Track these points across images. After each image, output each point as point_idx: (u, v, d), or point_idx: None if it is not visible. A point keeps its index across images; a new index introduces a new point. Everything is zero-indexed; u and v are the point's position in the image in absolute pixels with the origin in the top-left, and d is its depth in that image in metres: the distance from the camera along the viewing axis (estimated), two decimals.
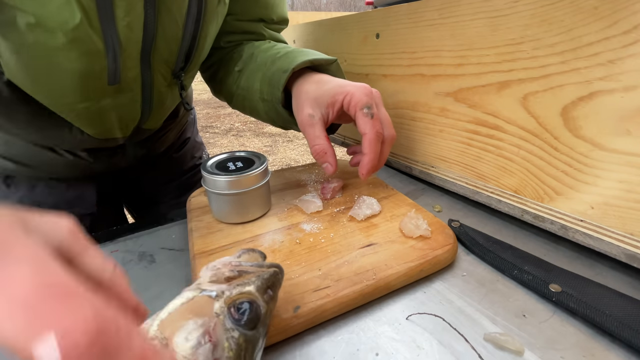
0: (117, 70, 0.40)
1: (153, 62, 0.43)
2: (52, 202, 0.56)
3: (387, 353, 0.26)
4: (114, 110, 0.46)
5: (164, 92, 0.50)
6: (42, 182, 0.56)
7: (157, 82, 0.46)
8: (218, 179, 0.38)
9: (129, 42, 0.39)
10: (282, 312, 0.28)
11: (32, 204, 0.55)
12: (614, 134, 0.30)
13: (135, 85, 0.45)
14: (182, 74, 0.49)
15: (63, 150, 0.52)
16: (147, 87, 0.46)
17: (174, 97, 0.53)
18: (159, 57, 0.44)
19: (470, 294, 0.32)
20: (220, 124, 4.01)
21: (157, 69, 0.45)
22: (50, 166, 0.53)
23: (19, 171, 0.53)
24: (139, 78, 0.44)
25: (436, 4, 0.42)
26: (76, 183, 0.58)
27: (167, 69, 0.46)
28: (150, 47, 0.41)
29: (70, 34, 0.34)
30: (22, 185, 0.55)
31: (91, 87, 0.41)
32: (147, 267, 0.37)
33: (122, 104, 0.46)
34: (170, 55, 0.45)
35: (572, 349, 0.26)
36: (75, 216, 0.62)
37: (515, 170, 0.39)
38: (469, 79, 0.42)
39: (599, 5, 0.29)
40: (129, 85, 0.44)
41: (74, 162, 0.54)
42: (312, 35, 0.69)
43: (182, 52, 0.45)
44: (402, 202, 0.44)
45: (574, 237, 0.35)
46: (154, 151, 0.67)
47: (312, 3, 17.07)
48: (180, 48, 0.45)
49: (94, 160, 0.55)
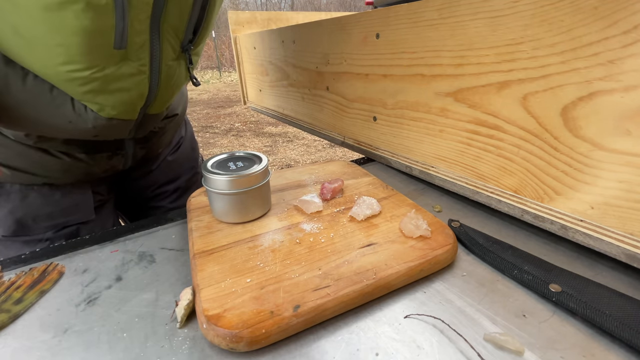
0: (124, 30, 0.38)
1: (162, 29, 0.42)
2: (47, 212, 0.54)
3: (387, 353, 0.26)
4: (121, 82, 0.44)
5: (172, 66, 0.48)
6: (35, 192, 0.53)
7: (165, 52, 0.45)
8: (219, 178, 0.38)
9: (138, 1, 0.37)
10: (282, 311, 0.28)
11: (25, 215, 0.52)
12: (614, 134, 0.30)
13: (143, 54, 0.43)
14: (190, 47, 0.48)
15: (59, 151, 0.50)
16: (155, 57, 0.44)
17: (180, 74, 0.51)
18: (168, 24, 0.42)
19: (470, 294, 0.32)
20: (220, 124, 4.01)
21: (166, 37, 0.44)
22: (46, 170, 0.51)
23: (12, 176, 0.50)
24: (147, 45, 0.42)
25: (436, 4, 0.42)
26: (72, 190, 0.56)
27: (177, 39, 0.45)
28: (161, 11, 0.40)
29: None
30: (13, 195, 0.51)
31: (96, 49, 0.39)
32: (147, 267, 0.37)
33: (129, 75, 0.43)
34: (181, 23, 0.44)
35: (572, 349, 0.26)
36: (72, 225, 0.60)
37: (515, 170, 0.39)
38: (469, 79, 0.42)
39: (599, 5, 0.29)
40: (136, 52, 0.42)
41: (71, 165, 0.52)
42: (312, 35, 0.69)
43: (192, 22, 0.45)
44: (402, 202, 0.44)
45: (574, 237, 0.35)
46: (152, 152, 0.66)
47: (312, 3, 17.08)
48: (190, 17, 0.44)
49: (93, 163, 0.54)
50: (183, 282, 0.35)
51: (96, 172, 0.57)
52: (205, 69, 11.02)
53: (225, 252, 0.35)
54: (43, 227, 0.54)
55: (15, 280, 0.35)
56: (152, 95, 0.48)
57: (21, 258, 0.39)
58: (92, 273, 0.36)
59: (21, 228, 0.53)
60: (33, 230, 0.53)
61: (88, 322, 0.30)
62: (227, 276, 0.32)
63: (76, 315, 0.31)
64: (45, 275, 0.35)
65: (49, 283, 0.35)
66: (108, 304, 0.32)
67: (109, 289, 0.34)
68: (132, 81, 0.44)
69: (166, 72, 0.47)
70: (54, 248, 0.40)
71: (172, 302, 0.32)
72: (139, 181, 0.69)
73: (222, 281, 0.31)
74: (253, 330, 0.26)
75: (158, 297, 0.33)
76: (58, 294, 0.34)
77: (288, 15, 1.15)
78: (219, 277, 0.32)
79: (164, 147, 0.69)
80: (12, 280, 0.35)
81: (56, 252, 0.40)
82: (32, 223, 0.53)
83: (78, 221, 0.57)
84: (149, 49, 0.43)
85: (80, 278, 0.36)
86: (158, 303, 0.32)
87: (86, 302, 0.32)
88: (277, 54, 0.86)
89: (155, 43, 0.43)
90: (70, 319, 0.31)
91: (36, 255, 0.39)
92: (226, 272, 0.32)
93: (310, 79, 0.75)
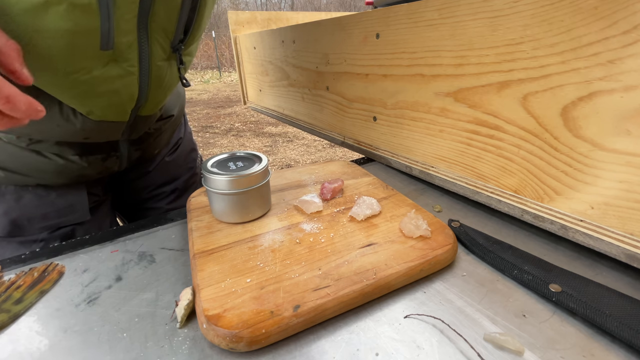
0: (110, 31, 0.37)
1: (150, 30, 0.42)
2: (42, 213, 0.53)
3: (387, 353, 0.26)
4: (109, 84, 0.43)
5: (163, 67, 0.47)
6: (30, 193, 0.52)
7: (155, 53, 0.44)
8: (219, 178, 0.38)
9: (124, 1, 0.37)
10: (282, 311, 0.28)
11: (20, 216, 0.52)
12: (614, 134, 0.30)
13: (132, 55, 0.42)
14: (181, 47, 0.47)
15: (52, 153, 0.50)
16: (144, 58, 0.44)
17: (172, 75, 0.51)
18: (157, 24, 0.42)
19: (470, 294, 0.32)
20: (220, 124, 4.01)
21: (154, 38, 0.43)
22: (39, 171, 0.51)
23: (6, 178, 0.50)
24: (135, 46, 0.42)
25: (436, 4, 0.42)
26: (67, 191, 0.55)
27: (166, 39, 0.44)
28: (148, 11, 0.39)
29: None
30: (7, 196, 0.51)
31: (81, 51, 0.38)
32: (147, 267, 0.37)
33: (117, 76, 0.43)
34: (169, 23, 0.43)
35: (572, 349, 0.26)
36: (68, 226, 0.60)
37: (515, 170, 0.39)
38: (469, 79, 0.42)
39: (599, 5, 0.29)
40: (123, 53, 0.41)
41: (64, 167, 0.51)
42: (312, 35, 0.69)
43: (182, 22, 0.44)
44: (402, 202, 0.44)
45: (574, 237, 0.35)
46: (148, 154, 0.65)
47: (312, 3, 17.08)
48: (180, 17, 0.43)
49: (87, 165, 0.53)
50: (183, 282, 0.35)
51: (90, 174, 0.56)
52: (205, 69, 11.02)
53: (225, 252, 0.35)
54: (38, 228, 0.54)
55: (15, 280, 0.35)
56: (142, 96, 0.48)
57: (21, 258, 0.39)
58: (92, 273, 0.36)
59: (16, 229, 0.52)
60: (28, 231, 0.53)
61: (88, 322, 0.30)
62: (227, 276, 0.32)
63: (76, 315, 0.31)
64: (45, 275, 0.35)
65: (49, 283, 0.35)
66: (108, 304, 0.32)
67: (109, 289, 0.34)
68: (120, 83, 0.44)
69: (156, 73, 0.47)
70: (54, 248, 0.40)
71: (172, 302, 0.32)
72: (136, 182, 0.68)
73: (222, 281, 0.31)
74: (253, 330, 0.26)
75: (158, 297, 0.33)
76: (58, 294, 0.34)
77: (288, 15, 1.15)
78: (219, 277, 0.32)
79: (160, 148, 0.68)
80: (12, 280, 0.35)
81: (56, 252, 0.40)
82: (27, 224, 0.53)
83: (73, 222, 0.56)
84: (137, 49, 0.42)
85: (80, 278, 0.36)
86: (158, 303, 0.32)
87: (86, 302, 0.32)
88: (277, 54, 0.86)
89: (144, 43, 0.42)
90: (70, 319, 0.31)
91: (36, 255, 0.39)
92: (226, 272, 0.32)
93: (310, 79, 0.75)
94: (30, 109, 0.30)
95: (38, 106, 0.30)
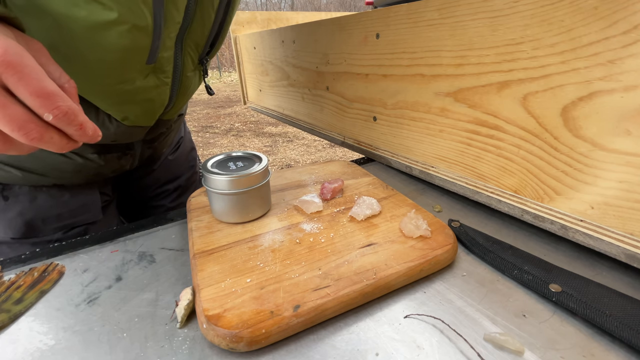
0: (157, 48, 0.41)
1: (185, 45, 0.46)
2: (56, 214, 0.54)
3: (387, 353, 0.26)
4: (147, 93, 0.47)
5: (190, 77, 0.52)
6: (44, 193, 0.53)
7: (186, 65, 0.49)
8: (219, 178, 0.38)
9: (172, 22, 0.40)
10: (282, 311, 0.28)
11: (35, 217, 0.52)
12: (614, 134, 0.30)
13: (168, 67, 0.46)
14: (206, 59, 0.52)
15: (72, 152, 0.50)
16: (177, 69, 0.48)
17: (195, 83, 0.56)
18: (191, 40, 0.46)
19: (470, 294, 0.32)
20: (220, 124, 4.01)
21: (187, 52, 0.47)
22: (58, 171, 0.51)
23: (23, 178, 0.50)
24: (172, 59, 0.46)
25: (436, 4, 0.42)
26: (80, 190, 0.56)
27: (196, 53, 0.49)
28: (187, 29, 0.44)
29: (125, 6, 0.35)
30: (22, 197, 0.52)
31: (130, 65, 0.41)
32: (147, 267, 0.37)
33: (154, 86, 0.47)
34: (201, 38, 0.48)
35: (572, 349, 0.26)
36: (81, 226, 0.61)
37: (515, 170, 0.39)
38: (469, 79, 0.41)
39: (599, 5, 0.29)
40: (162, 66, 0.45)
41: (82, 166, 0.52)
42: (312, 35, 0.69)
43: (211, 37, 0.49)
44: (402, 202, 0.44)
45: (574, 237, 0.35)
46: (158, 152, 0.68)
47: (312, 3, 17.07)
48: (210, 33, 0.48)
49: (104, 163, 0.54)
50: (183, 282, 0.35)
51: (106, 173, 0.57)
52: None
53: (225, 252, 0.35)
54: (52, 229, 0.54)
55: (15, 280, 0.35)
56: (170, 103, 0.52)
57: (21, 258, 0.39)
58: (92, 273, 0.36)
59: (31, 230, 0.53)
60: (42, 232, 0.54)
61: (88, 322, 0.30)
62: (227, 276, 0.32)
63: (76, 315, 0.31)
64: (45, 275, 0.35)
65: (49, 283, 0.35)
66: (108, 304, 0.32)
67: (109, 289, 0.34)
68: (156, 92, 0.48)
69: (185, 83, 0.51)
70: (54, 248, 0.40)
71: (172, 302, 0.32)
72: (141, 180, 0.70)
73: (222, 281, 0.31)
74: (253, 330, 0.26)
75: (158, 297, 0.33)
76: (58, 294, 0.34)
77: (288, 15, 1.15)
78: (219, 277, 0.32)
79: (167, 146, 0.70)
80: (12, 280, 0.35)
81: (56, 252, 0.40)
82: (41, 224, 0.53)
83: (86, 222, 0.57)
84: (173, 62, 0.47)
85: (80, 278, 0.36)
86: (158, 303, 0.32)
87: (86, 302, 0.32)
88: (277, 54, 0.86)
89: (178, 57, 0.47)
90: (70, 319, 0.31)
91: (36, 255, 0.39)
92: (226, 272, 0.32)
93: (310, 78, 0.75)
94: (95, 134, 0.30)
95: (98, 131, 0.30)
